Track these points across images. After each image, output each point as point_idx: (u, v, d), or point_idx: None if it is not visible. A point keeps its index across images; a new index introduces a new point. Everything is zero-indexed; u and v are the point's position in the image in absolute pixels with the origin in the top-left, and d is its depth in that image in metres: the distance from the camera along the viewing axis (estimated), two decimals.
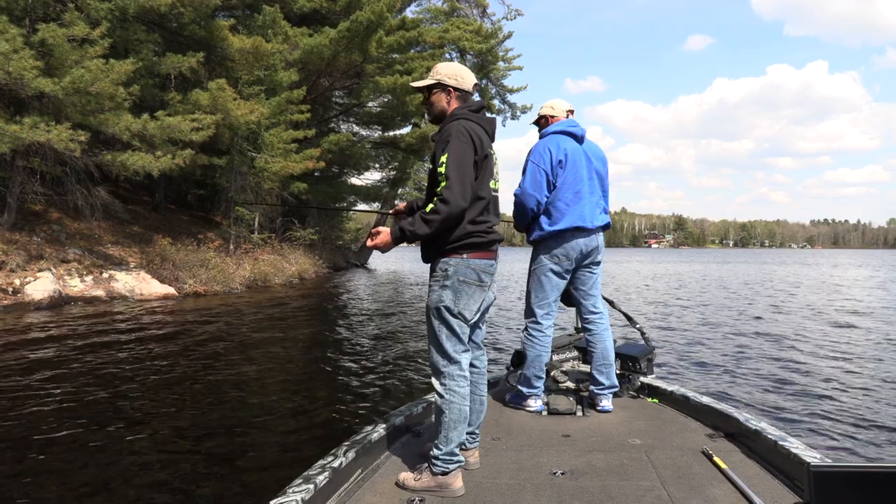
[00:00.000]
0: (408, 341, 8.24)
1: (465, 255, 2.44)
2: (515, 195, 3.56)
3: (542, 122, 3.72)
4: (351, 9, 20.49)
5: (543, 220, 3.49)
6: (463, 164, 2.37)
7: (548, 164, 3.43)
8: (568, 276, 3.55)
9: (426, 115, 2.62)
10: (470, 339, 2.58)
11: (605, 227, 3.61)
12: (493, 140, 2.63)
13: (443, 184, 2.35)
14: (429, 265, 2.55)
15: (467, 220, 2.43)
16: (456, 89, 2.59)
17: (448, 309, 2.43)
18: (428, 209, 2.37)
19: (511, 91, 33.31)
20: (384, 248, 2.50)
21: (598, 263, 3.58)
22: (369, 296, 16.13)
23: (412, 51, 23.55)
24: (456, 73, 2.60)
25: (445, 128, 2.48)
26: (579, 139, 3.54)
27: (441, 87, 2.60)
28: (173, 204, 21.61)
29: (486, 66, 30.88)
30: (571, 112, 3.69)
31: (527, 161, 3.52)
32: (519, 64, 33.51)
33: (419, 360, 6.81)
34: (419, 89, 2.65)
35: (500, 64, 32.16)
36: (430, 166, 2.50)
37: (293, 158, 18.61)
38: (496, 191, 2.62)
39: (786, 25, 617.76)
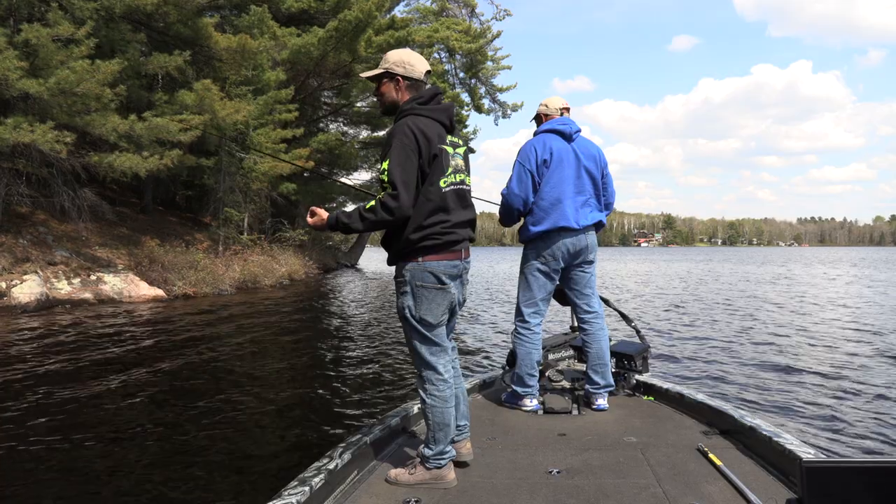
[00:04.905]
0: (400, 342, 8.21)
1: (420, 259, 2.38)
2: (502, 195, 3.55)
3: (539, 119, 3.72)
4: (339, 9, 20.42)
5: (528, 220, 3.49)
6: (406, 171, 2.29)
7: (533, 164, 3.43)
8: (556, 276, 3.54)
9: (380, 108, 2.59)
10: None
11: (597, 227, 3.59)
12: (452, 128, 2.51)
13: (388, 189, 2.29)
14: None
15: (416, 225, 2.35)
16: (405, 78, 2.45)
17: (411, 315, 2.41)
18: (367, 206, 2.33)
19: (501, 90, 33.35)
20: (317, 229, 2.55)
21: (590, 262, 3.56)
22: (360, 296, 16.09)
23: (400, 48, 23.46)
24: (404, 59, 2.45)
25: (393, 127, 2.40)
26: (567, 137, 3.50)
27: (389, 76, 2.47)
28: (161, 205, 21.43)
29: (476, 65, 30.91)
30: (567, 110, 3.66)
31: (515, 161, 3.52)
32: (508, 63, 33.58)
33: (411, 362, 6.79)
34: (370, 79, 2.53)
35: (489, 63, 32.20)
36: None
37: (282, 158, 18.52)
38: (460, 182, 2.50)
39: (769, 26, 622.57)
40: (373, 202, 2.33)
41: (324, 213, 2.49)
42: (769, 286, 19.90)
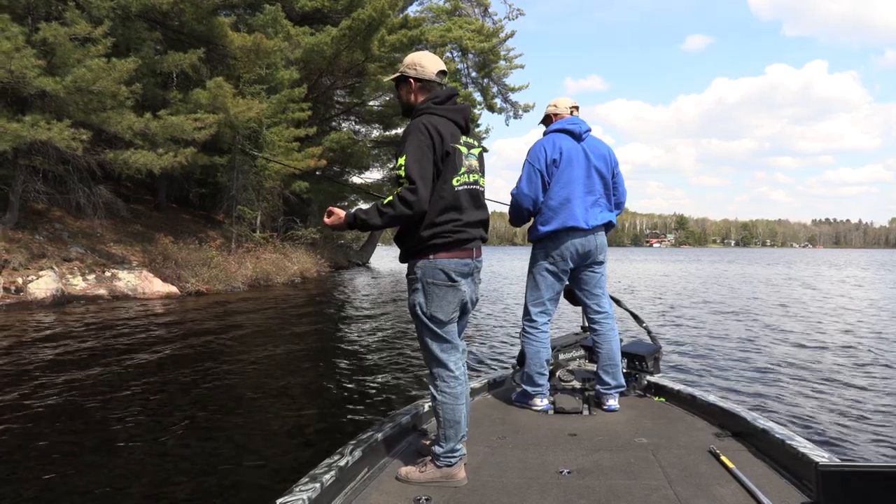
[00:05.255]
0: (411, 339, 8.23)
1: (431, 257, 2.40)
2: (512, 195, 3.55)
3: (547, 120, 3.71)
4: (353, 8, 20.48)
5: (537, 220, 3.49)
6: (422, 166, 2.32)
7: (542, 164, 3.42)
8: (565, 277, 3.53)
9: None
10: None
11: (607, 227, 3.57)
12: (466, 129, 2.56)
13: (405, 184, 2.31)
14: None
15: (427, 222, 2.38)
16: (416, 80, 2.51)
17: (422, 311, 2.43)
18: (385, 201, 2.34)
19: (513, 90, 33.28)
20: (335, 229, 2.52)
21: (600, 263, 3.53)
22: (372, 294, 16.13)
23: (414, 49, 23.55)
24: (415, 62, 2.52)
25: (408, 125, 2.44)
26: (577, 137, 3.49)
27: (403, 79, 2.55)
28: (175, 203, 21.62)
29: (488, 64, 30.85)
30: (576, 108, 3.65)
31: (525, 160, 3.52)
32: (520, 63, 33.50)
33: (422, 359, 6.80)
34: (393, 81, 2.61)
35: (502, 63, 32.13)
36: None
37: (295, 157, 18.61)
38: (474, 182, 2.53)
39: (784, 25, 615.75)
40: (391, 197, 2.34)
41: (341, 213, 2.48)
42: (782, 288, 19.71)
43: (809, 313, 12.23)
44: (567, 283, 3.59)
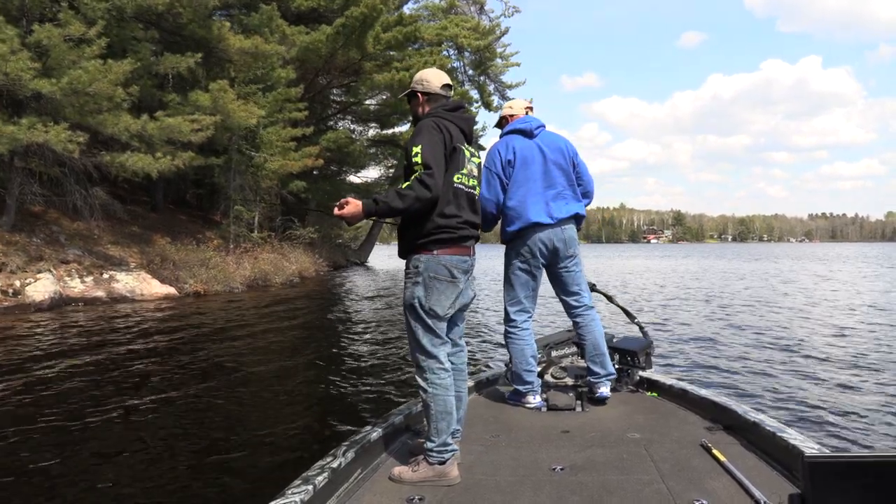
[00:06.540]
0: (406, 340, 8.23)
1: (434, 252, 2.46)
2: None
3: (503, 122, 3.70)
4: (348, 7, 20.46)
5: (503, 222, 3.53)
6: (436, 156, 2.42)
7: (498, 167, 3.45)
8: (539, 273, 3.54)
9: None
10: (447, 335, 2.61)
11: (576, 219, 3.55)
12: (469, 138, 2.68)
13: (421, 170, 2.37)
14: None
15: (436, 214, 2.45)
16: (423, 93, 2.68)
17: (420, 305, 2.46)
18: (404, 185, 2.39)
19: (510, 87, 33.32)
20: (352, 219, 2.46)
21: (571, 257, 3.52)
22: (369, 294, 16.15)
23: (410, 48, 23.53)
24: (422, 78, 2.70)
25: (419, 124, 2.56)
26: (529, 134, 3.50)
27: (413, 94, 2.72)
28: (172, 203, 21.57)
29: (484, 62, 30.88)
30: (530, 109, 3.67)
31: (482, 166, 3.54)
32: (516, 60, 33.52)
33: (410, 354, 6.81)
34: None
35: (498, 61, 32.16)
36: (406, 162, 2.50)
37: (292, 156, 18.60)
38: (472, 187, 2.63)
39: (778, 21, 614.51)
40: (408, 182, 2.40)
41: (357, 202, 2.45)
42: (772, 282, 19.74)
43: (802, 306, 12.26)
44: (541, 280, 3.60)
